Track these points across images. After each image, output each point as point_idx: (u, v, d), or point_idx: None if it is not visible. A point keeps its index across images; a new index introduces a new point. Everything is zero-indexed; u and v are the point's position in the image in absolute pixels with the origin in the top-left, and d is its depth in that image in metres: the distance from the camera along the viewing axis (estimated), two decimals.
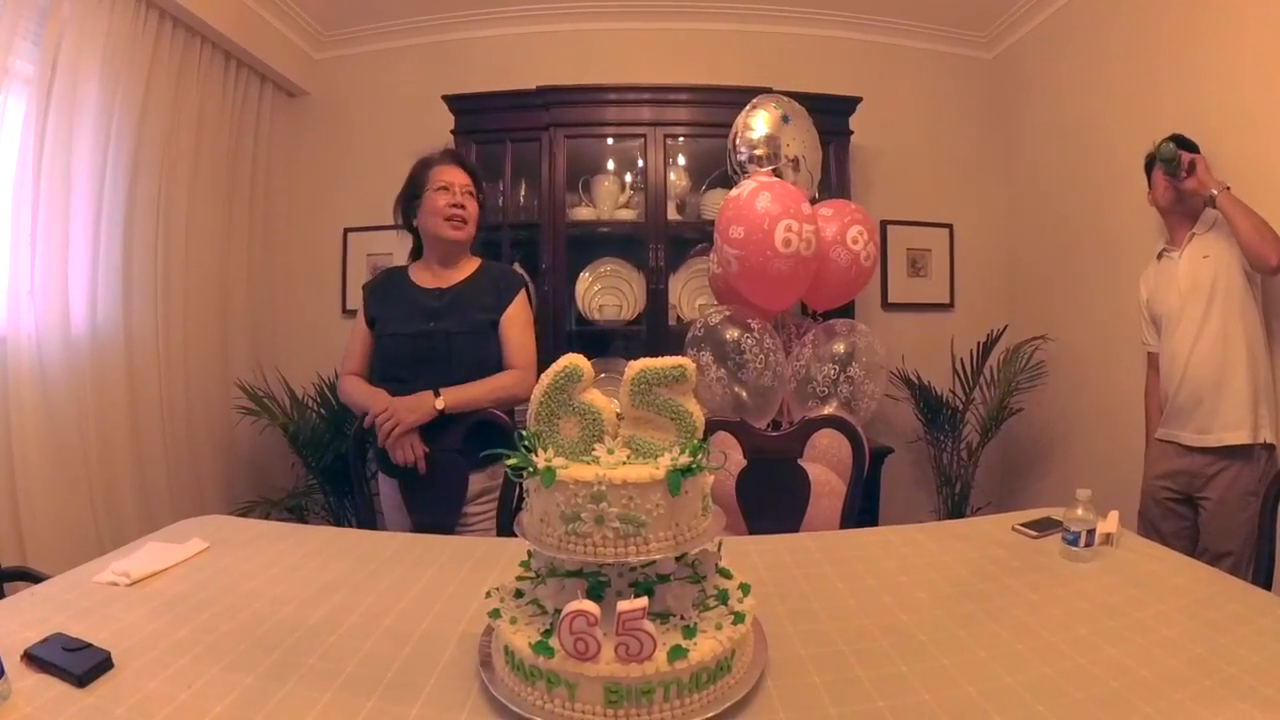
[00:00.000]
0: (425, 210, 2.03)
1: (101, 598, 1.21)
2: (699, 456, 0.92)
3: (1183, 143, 2.34)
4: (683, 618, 0.91)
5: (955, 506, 3.62)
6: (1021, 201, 3.91)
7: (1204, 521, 2.30)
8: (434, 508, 1.91)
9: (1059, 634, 1.07)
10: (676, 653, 0.83)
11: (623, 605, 0.81)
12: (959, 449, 3.63)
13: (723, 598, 0.97)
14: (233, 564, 1.40)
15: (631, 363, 0.95)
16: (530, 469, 0.91)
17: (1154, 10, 2.86)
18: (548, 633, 0.88)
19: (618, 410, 0.99)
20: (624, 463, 0.91)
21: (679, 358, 0.95)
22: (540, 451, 0.92)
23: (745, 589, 1.00)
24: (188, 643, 1.06)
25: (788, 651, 1.04)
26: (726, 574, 1.05)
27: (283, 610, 1.19)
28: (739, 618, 0.92)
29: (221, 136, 3.39)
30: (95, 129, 2.65)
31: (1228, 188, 2.19)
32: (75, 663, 0.94)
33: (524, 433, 0.96)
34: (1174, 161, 2.26)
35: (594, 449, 0.94)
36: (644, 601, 0.81)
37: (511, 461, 0.93)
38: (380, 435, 1.87)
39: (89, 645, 0.98)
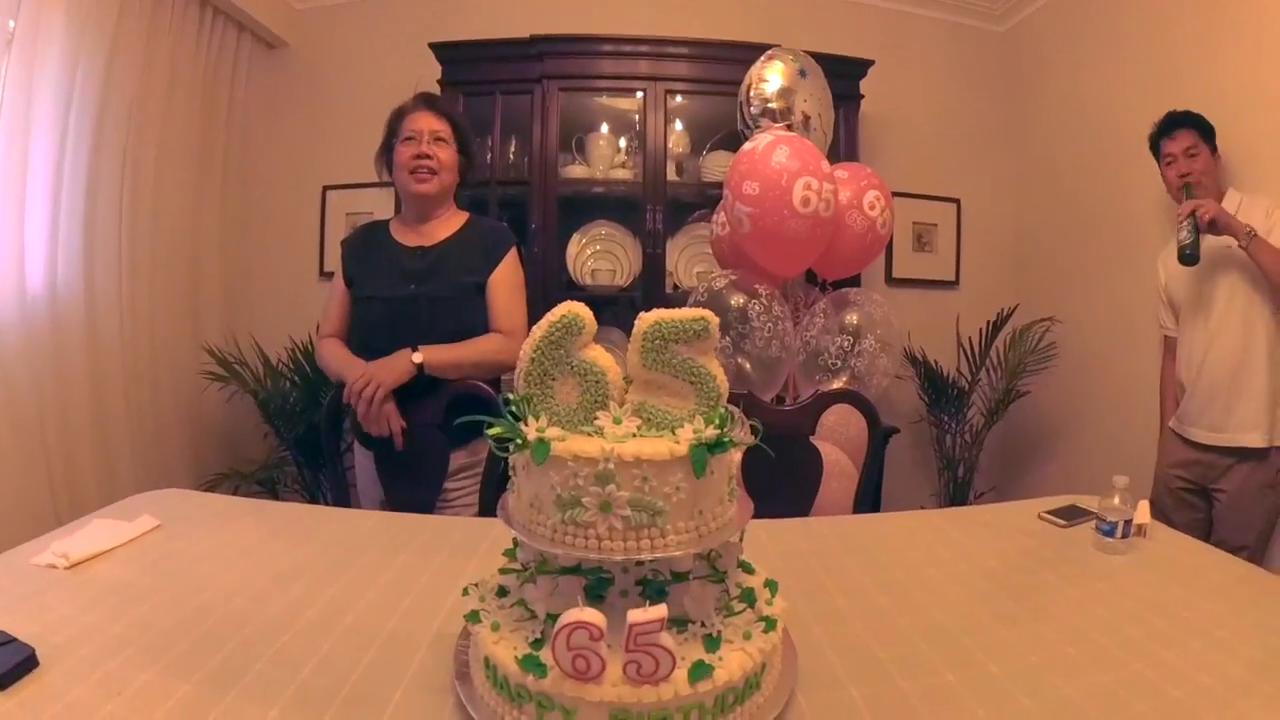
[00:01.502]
0: (394, 164, 1.88)
1: (37, 583, 1.07)
2: (727, 428, 0.75)
3: (1191, 120, 2.29)
4: (704, 625, 0.75)
5: (958, 491, 3.51)
6: (1031, 178, 3.81)
7: (1219, 514, 2.26)
8: (411, 484, 1.75)
9: (1110, 636, 0.98)
10: (699, 671, 0.67)
11: (635, 615, 0.64)
12: (963, 431, 3.50)
13: (749, 599, 0.81)
14: (184, 546, 1.26)
15: (643, 314, 0.78)
16: (518, 441, 0.74)
17: None
18: (538, 643, 0.72)
19: (625, 374, 0.83)
20: (635, 435, 0.75)
21: (699, 309, 0.79)
22: (531, 420, 0.75)
23: (773, 587, 0.85)
24: (123, 639, 0.92)
25: (819, 660, 0.91)
26: (749, 568, 0.89)
27: (233, 602, 1.04)
28: (770, 624, 0.76)
29: (195, 89, 3.19)
30: (58, 78, 2.46)
31: (1253, 231, 2.06)
32: None
33: (510, 397, 0.79)
34: (1194, 246, 2.13)
35: (597, 417, 0.77)
36: (661, 611, 0.65)
37: (495, 431, 0.75)
38: (360, 406, 1.71)
39: (13, 640, 0.85)
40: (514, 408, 0.77)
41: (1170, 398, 2.47)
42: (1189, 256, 2.13)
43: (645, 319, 0.79)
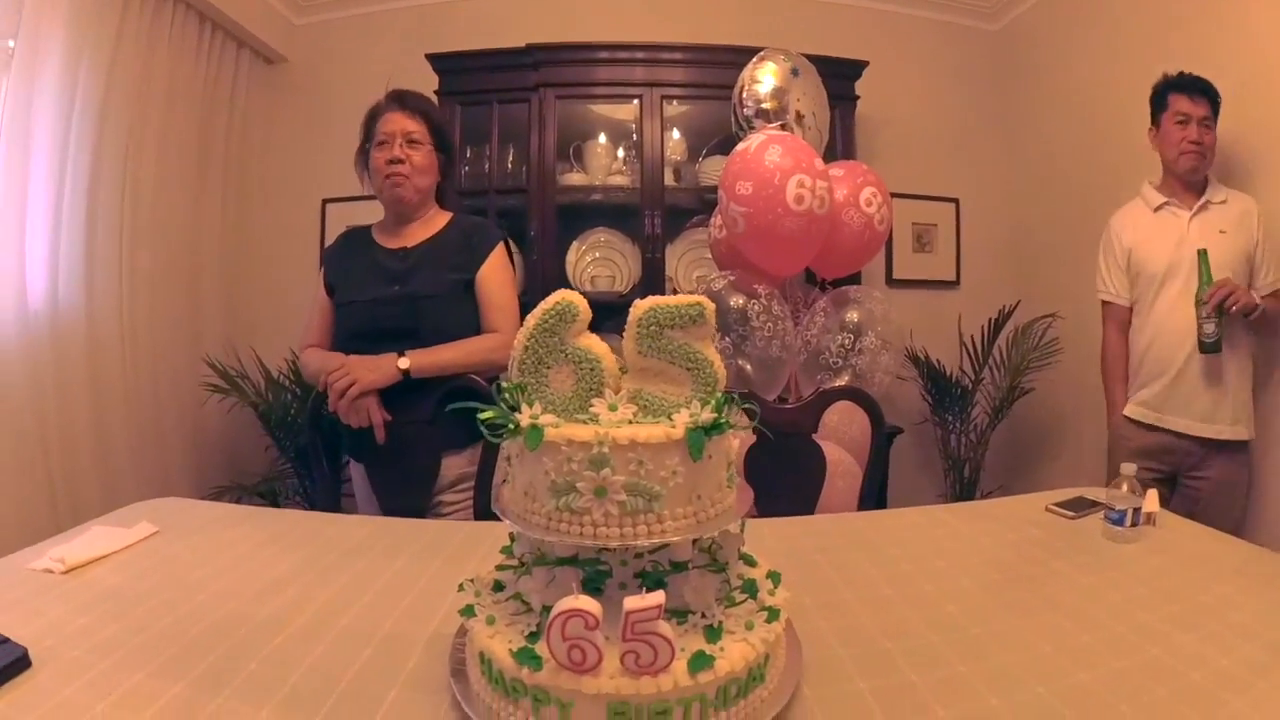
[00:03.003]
0: (370, 169, 1.83)
1: (33, 586, 1.07)
2: (724, 412, 0.74)
3: (1212, 89, 2.19)
4: (704, 616, 0.73)
5: (964, 491, 3.48)
6: (1028, 176, 3.79)
7: (1202, 500, 2.19)
8: (402, 489, 1.71)
9: (1123, 622, 0.96)
10: (699, 661, 0.65)
11: (631, 602, 0.62)
12: (968, 431, 3.48)
13: (750, 589, 0.79)
14: (180, 551, 1.24)
15: (638, 301, 0.77)
16: (511, 427, 0.72)
17: None
18: (534, 636, 0.70)
19: (621, 363, 0.81)
20: (630, 421, 0.73)
21: (696, 295, 0.77)
22: (525, 407, 0.73)
23: (775, 578, 0.83)
24: (114, 642, 0.91)
25: (825, 652, 0.88)
26: (751, 560, 0.87)
27: (226, 605, 1.03)
28: (773, 614, 0.74)
29: (194, 104, 3.20)
30: (59, 89, 2.47)
31: (1258, 298, 2.07)
32: None
33: (503, 385, 0.77)
34: (1221, 337, 2.06)
35: (592, 405, 0.75)
36: (659, 597, 0.63)
37: (487, 415, 0.74)
38: (332, 396, 1.65)
39: (6, 640, 0.84)
40: (507, 395, 0.76)
41: (1120, 379, 2.36)
42: (1213, 347, 2.05)
43: (640, 305, 0.78)
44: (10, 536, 2.10)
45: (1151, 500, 1.34)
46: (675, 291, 3.15)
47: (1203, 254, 2.08)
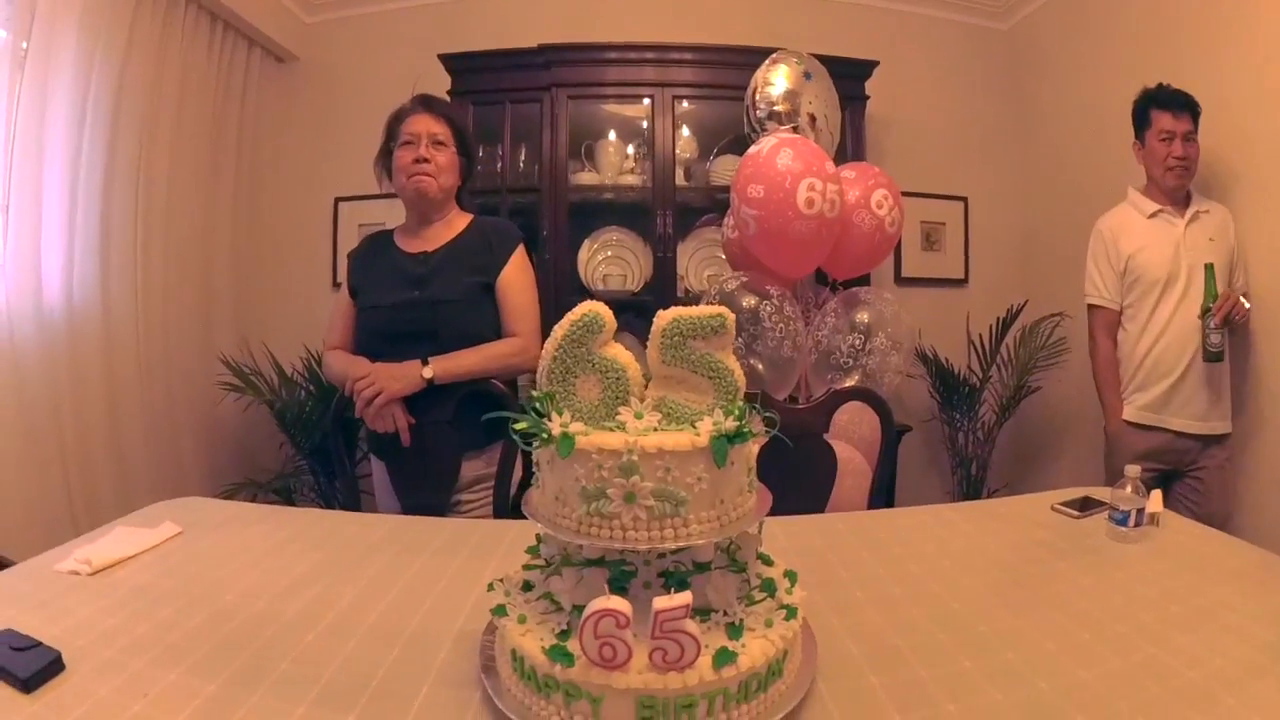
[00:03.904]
0: (394, 169, 1.86)
1: (60, 588, 1.09)
2: (745, 420, 0.77)
3: (1193, 103, 2.28)
4: (726, 614, 0.77)
5: (971, 489, 3.50)
6: (1037, 174, 3.80)
7: (1204, 491, 2.29)
8: (423, 488, 1.75)
9: (1124, 622, 0.98)
10: (723, 657, 0.69)
11: (661, 602, 0.66)
12: (975, 429, 3.50)
13: (769, 588, 0.83)
14: (204, 550, 1.27)
15: (661, 311, 0.80)
16: (543, 436, 0.76)
17: None
18: (564, 634, 0.73)
19: (644, 371, 0.84)
20: (656, 429, 0.77)
21: (717, 306, 0.80)
22: (555, 415, 0.77)
23: (792, 577, 0.86)
24: (147, 641, 0.93)
25: (838, 649, 0.91)
26: (768, 560, 0.90)
27: (254, 604, 1.06)
28: (790, 612, 0.78)
29: (206, 102, 3.23)
30: (72, 90, 2.49)
31: (1244, 300, 2.22)
32: (23, 664, 0.82)
33: (533, 394, 0.80)
34: (1222, 350, 2.19)
35: (619, 413, 0.78)
36: (686, 597, 0.67)
37: (520, 426, 0.77)
38: (359, 404, 1.70)
39: (39, 644, 0.86)
40: (537, 404, 0.79)
41: (1115, 386, 2.41)
42: (1218, 356, 2.16)
43: (664, 316, 0.81)
44: (26, 533, 2.18)
45: (1155, 501, 1.36)
46: (687, 290, 3.17)
47: (1209, 268, 2.16)
